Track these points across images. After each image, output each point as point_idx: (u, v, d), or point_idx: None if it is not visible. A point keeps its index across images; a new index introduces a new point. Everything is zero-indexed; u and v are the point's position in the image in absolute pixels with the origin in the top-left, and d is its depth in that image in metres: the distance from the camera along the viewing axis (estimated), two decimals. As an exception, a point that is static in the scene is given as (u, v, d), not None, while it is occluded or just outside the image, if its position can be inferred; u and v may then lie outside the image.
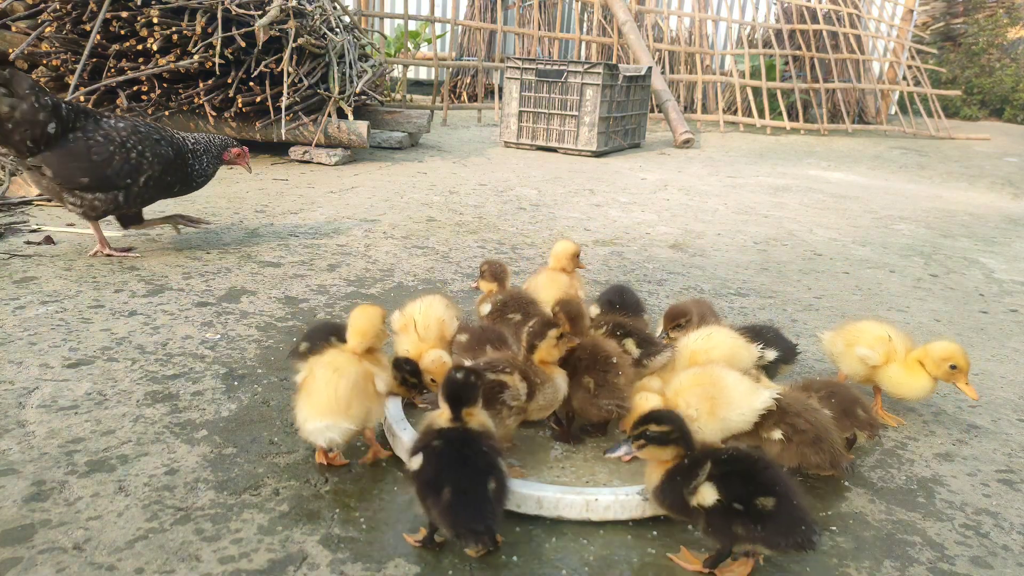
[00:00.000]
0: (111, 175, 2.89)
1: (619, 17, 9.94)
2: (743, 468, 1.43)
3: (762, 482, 1.40)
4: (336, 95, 5.68)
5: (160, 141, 3.04)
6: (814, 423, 1.68)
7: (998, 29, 17.30)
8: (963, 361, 2.00)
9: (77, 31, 5.12)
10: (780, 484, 1.40)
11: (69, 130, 2.86)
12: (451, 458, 1.43)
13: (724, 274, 3.59)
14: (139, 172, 2.95)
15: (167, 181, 3.09)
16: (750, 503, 1.37)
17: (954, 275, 3.90)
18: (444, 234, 3.99)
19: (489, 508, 1.38)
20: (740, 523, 1.37)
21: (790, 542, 1.36)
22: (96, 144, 2.87)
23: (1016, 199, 6.67)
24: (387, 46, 9.95)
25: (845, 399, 1.85)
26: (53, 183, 2.86)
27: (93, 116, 2.96)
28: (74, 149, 2.82)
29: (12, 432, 1.78)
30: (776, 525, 1.36)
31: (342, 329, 1.93)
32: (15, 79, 2.71)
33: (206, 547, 1.43)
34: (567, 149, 7.44)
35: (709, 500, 1.39)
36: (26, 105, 2.71)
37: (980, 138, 11.69)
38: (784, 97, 11.14)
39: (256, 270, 3.16)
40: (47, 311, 2.53)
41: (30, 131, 2.73)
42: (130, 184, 2.95)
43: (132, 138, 2.95)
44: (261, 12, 5.28)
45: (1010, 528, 1.68)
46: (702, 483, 1.41)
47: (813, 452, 1.66)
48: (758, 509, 1.37)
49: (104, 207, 2.98)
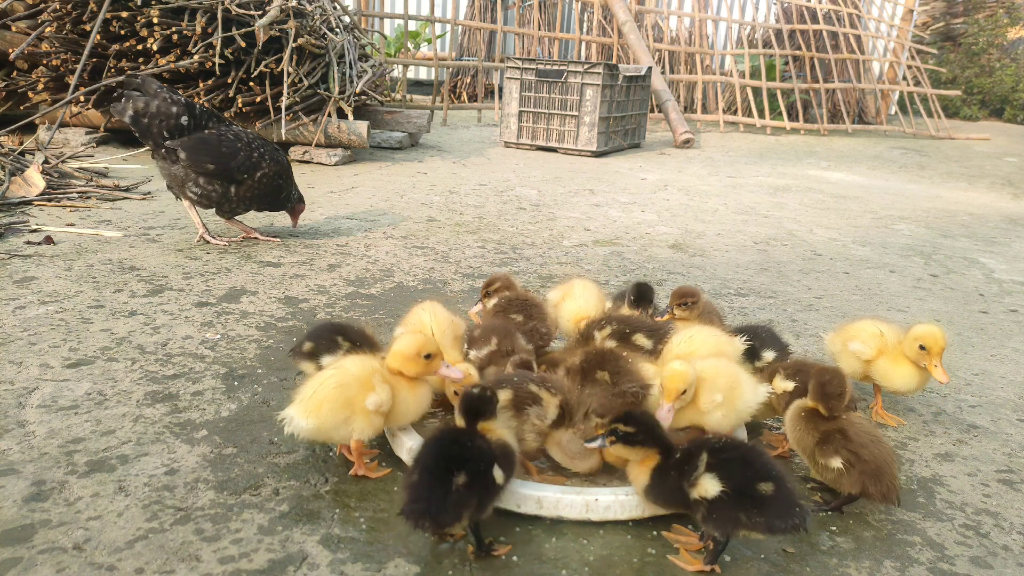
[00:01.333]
0: (233, 167, 3.27)
1: (619, 17, 9.94)
2: (739, 455, 1.45)
3: (760, 468, 1.43)
4: (336, 95, 5.68)
5: (278, 150, 3.49)
6: (877, 456, 1.61)
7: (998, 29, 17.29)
8: (932, 342, 1.98)
9: (77, 31, 5.12)
10: (775, 468, 1.44)
11: (202, 126, 3.28)
12: (434, 446, 1.46)
13: (724, 274, 3.59)
14: (257, 169, 3.34)
15: (277, 184, 3.46)
16: (752, 489, 1.39)
17: (954, 275, 3.90)
18: (444, 234, 3.99)
19: (442, 497, 1.36)
20: (743, 510, 1.39)
21: (788, 524, 1.39)
22: (226, 139, 3.28)
23: (1016, 199, 6.67)
24: (387, 46, 9.95)
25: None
26: (182, 166, 3.21)
27: (225, 121, 3.41)
28: (207, 139, 3.25)
29: (12, 432, 1.78)
30: (774, 509, 1.39)
31: (346, 329, 1.95)
32: (146, 82, 3.18)
33: (206, 547, 1.43)
34: (567, 149, 7.44)
35: (713, 491, 1.40)
36: (158, 101, 3.16)
37: (980, 138, 11.69)
38: (784, 97, 11.14)
39: (256, 270, 3.16)
40: (47, 311, 2.53)
41: (165, 123, 3.17)
42: (245, 179, 3.32)
43: (256, 141, 3.39)
44: (261, 12, 5.29)
45: (1010, 528, 1.68)
46: (702, 474, 1.43)
47: (872, 483, 1.59)
48: (760, 494, 1.39)
49: (217, 196, 3.32)
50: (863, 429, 1.66)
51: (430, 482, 1.38)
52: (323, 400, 1.59)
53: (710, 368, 1.78)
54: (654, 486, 1.49)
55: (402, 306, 2.84)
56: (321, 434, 1.62)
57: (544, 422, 1.67)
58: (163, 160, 3.24)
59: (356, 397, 1.61)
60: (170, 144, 3.18)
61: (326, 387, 1.61)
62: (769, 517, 1.38)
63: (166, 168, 3.26)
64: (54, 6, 5.07)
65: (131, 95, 3.17)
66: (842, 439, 1.62)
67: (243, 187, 3.33)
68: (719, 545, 1.45)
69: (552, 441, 1.70)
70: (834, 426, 1.65)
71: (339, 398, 1.60)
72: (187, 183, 3.25)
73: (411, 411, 1.71)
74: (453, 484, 1.37)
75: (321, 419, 1.59)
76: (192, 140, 3.21)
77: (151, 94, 3.17)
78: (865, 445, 1.62)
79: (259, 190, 3.40)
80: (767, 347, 2.10)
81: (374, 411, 1.62)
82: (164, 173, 3.30)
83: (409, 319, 2.05)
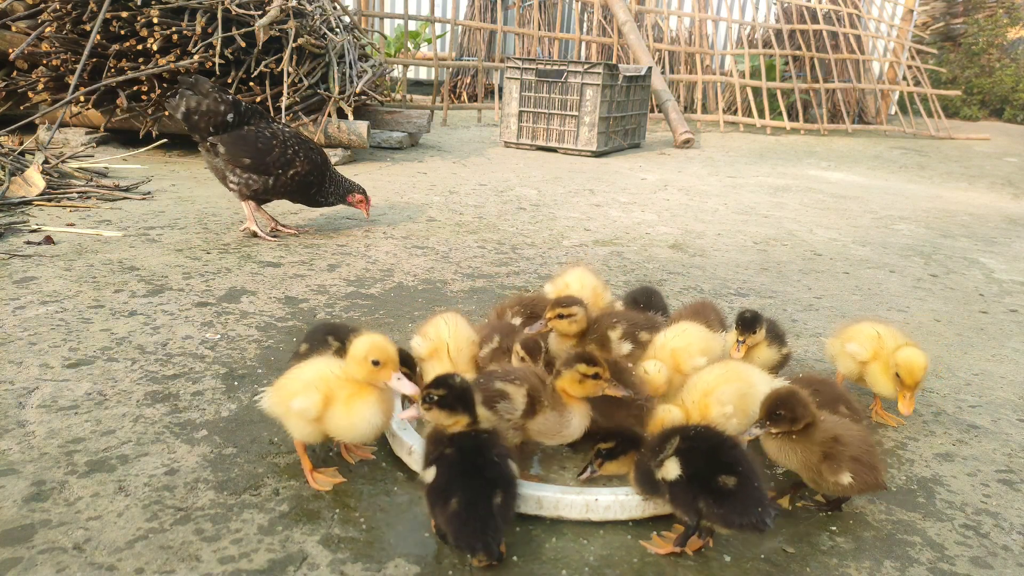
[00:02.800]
0: (269, 162, 3.50)
1: (619, 17, 9.94)
2: (710, 446, 1.49)
3: (727, 461, 1.45)
4: (336, 95, 5.68)
5: (313, 150, 3.66)
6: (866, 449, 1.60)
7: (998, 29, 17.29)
8: (907, 374, 1.93)
9: (77, 31, 5.12)
10: (744, 464, 1.45)
11: (244, 123, 3.52)
12: (462, 468, 1.43)
13: (724, 274, 3.59)
14: (290, 166, 3.55)
15: (309, 181, 3.64)
16: (713, 480, 1.42)
17: (954, 275, 3.90)
18: (444, 234, 3.99)
19: (492, 523, 1.37)
20: (702, 499, 1.42)
21: (746, 521, 1.40)
22: (263, 136, 3.51)
23: (1016, 199, 6.67)
24: (387, 46, 9.94)
25: (829, 396, 1.84)
26: (222, 159, 3.47)
27: (267, 119, 3.63)
28: (246, 136, 3.48)
29: (12, 432, 1.78)
30: (735, 504, 1.41)
31: (340, 329, 1.94)
32: (199, 83, 3.42)
33: (206, 547, 1.43)
34: (567, 149, 7.44)
35: (672, 474, 1.45)
36: (208, 101, 3.39)
37: (980, 138, 11.69)
38: (784, 97, 11.14)
39: (256, 270, 3.16)
40: (47, 311, 2.53)
41: (212, 120, 3.42)
42: (280, 174, 3.53)
43: (292, 139, 3.58)
44: (261, 12, 5.28)
45: (1010, 528, 1.68)
46: (668, 457, 1.47)
47: (867, 472, 1.59)
48: (721, 487, 1.42)
49: (256, 186, 3.53)
50: (842, 426, 1.66)
51: (472, 509, 1.37)
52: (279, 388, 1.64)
53: (714, 378, 1.77)
54: (638, 475, 1.56)
55: (402, 306, 2.84)
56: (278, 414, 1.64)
57: (516, 415, 1.66)
58: (207, 152, 3.51)
59: (288, 399, 1.59)
60: (212, 139, 3.44)
61: (286, 378, 1.65)
62: (728, 511, 1.41)
63: (210, 160, 3.53)
64: (54, 6, 5.07)
65: (185, 94, 3.40)
66: (838, 445, 1.59)
67: (278, 181, 3.55)
68: (688, 529, 1.48)
69: (531, 432, 1.69)
70: (827, 435, 1.61)
71: (280, 393, 1.62)
72: (227, 174, 3.52)
73: (358, 424, 1.59)
74: (493, 505, 1.38)
75: (274, 408, 1.63)
76: (231, 136, 3.45)
77: (203, 94, 3.40)
78: (855, 442, 1.61)
79: (292, 185, 3.60)
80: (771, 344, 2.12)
81: (298, 415, 1.58)
82: (209, 165, 3.58)
83: (428, 329, 1.97)
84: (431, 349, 1.93)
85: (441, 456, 1.45)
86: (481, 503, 1.38)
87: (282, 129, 3.61)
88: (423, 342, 1.94)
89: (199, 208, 4.14)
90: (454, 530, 1.37)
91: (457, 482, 1.41)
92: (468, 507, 1.37)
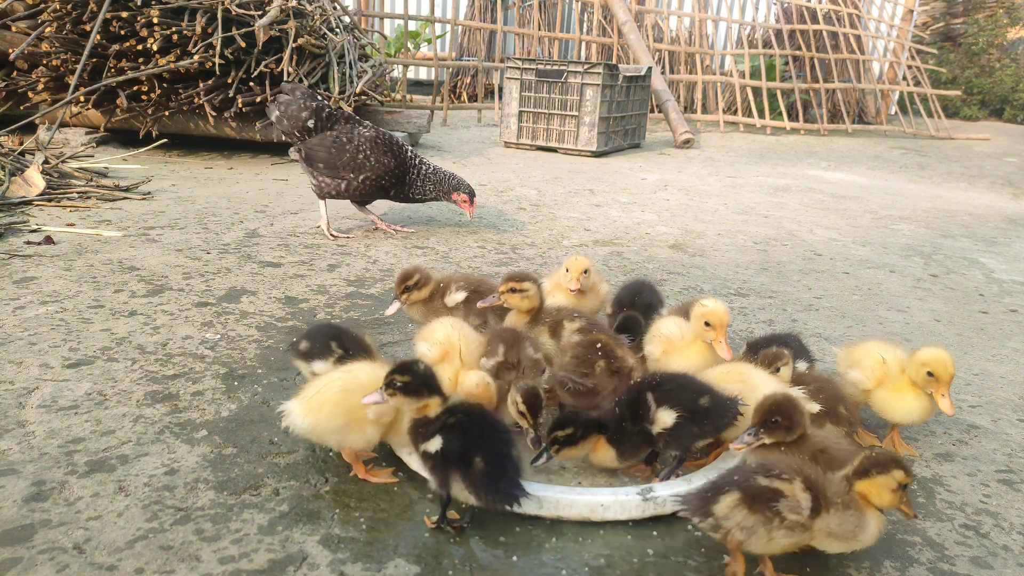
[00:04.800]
0: (339, 165, 3.69)
1: (619, 17, 9.94)
2: (678, 383, 1.68)
3: (695, 385, 1.69)
4: (336, 95, 5.68)
5: (387, 153, 3.75)
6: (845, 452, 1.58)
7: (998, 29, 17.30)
8: (941, 369, 1.83)
9: (77, 31, 5.12)
10: (703, 384, 1.69)
11: (329, 127, 3.71)
12: (473, 430, 1.50)
13: (724, 274, 3.59)
14: (361, 170, 3.70)
15: (382, 184, 3.77)
16: (697, 405, 1.64)
17: (954, 275, 3.90)
18: (444, 234, 3.99)
19: (519, 473, 1.50)
20: (696, 425, 1.64)
21: (723, 423, 1.65)
22: (338, 142, 3.67)
23: (1016, 199, 6.67)
24: (387, 46, 9.94)
25: (829, 396, 1.83)
26: (302, 162, 3.74)
27: (353, 122, 3.79)
28: (322, 140, 3.68)
29: (12, 432, 1.78)
30: (713, 415, 1.65)
31: (343, 335, 1.92)
32: (295, 90, 3.67)
33: (206, 547, 1.43)
34: (567, 149, 7.44)
35: (670, 421, 1.63)
36: (294, 107, 3.64)
37: (980, 138, 11.70)
38: (784, 97, 11.14)
39: (256, 270, 3.16)
40: (47, 311, 2.53)
41: (295, 125, 3.66)
42: (353, 177, 3.70)
43: (366, 143, 3.71)
44: (261, 12, 5.28)
45: (1010, 528, 1.68)
46: (657, 410, 1.64)
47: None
48: (701, 408, 1.64)
49: (329, 189, 3.74)
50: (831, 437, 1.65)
51: (501, 461, 1.47)
52: (324, 402, 1.58)
53: (719, 376, 1.77)
54: (620, 449, 1.66)
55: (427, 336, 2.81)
56: (315, 435, 1.61)
57: (803, 514, 1.40)
58: (296, 154, 3.75)
59: (358, 406, 1.56)
60: (298, 144, 3.71)
61: (331, 389, 1.60)
62: (712, 421, 1.64)
63: (300, 163, 3.77)
64: (54, 6, 5.07)
65: (278, 98, 3.70)
66: (826, 456, 1.55)
67: (351, 185, 3.71)
68: (681, 459, 1.71)
69: (818, 535, 1.45)
70: (816, 446, 1.58)
71: (341, 403, 1.58)
72: (308, 176, 3.78)
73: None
74: (515, 457, 1.50)
75: (319, 420, 1.58)
76: (311, 141, 3.68)
77: (291, 100, 3.66)
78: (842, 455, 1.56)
79: (365, 188, 3.75)
80: (796, 358, 2.01)
81: (374, 420, 1.59)
82: (301, 168, 3.82)
83: (435, 335, 1.93)
84: (441, 353, 1.87)
85: (444, 425, 1.50)
86: (508, 455, 1.48)
87: (360, 133, 3.72)
88: (431, 347, 1.89)
89: (199, 208, 4.14)
90: (487, 487, 1.44)
91: (476, 443, 1.47)
92: (496, 461, 1.46)
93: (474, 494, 1.46)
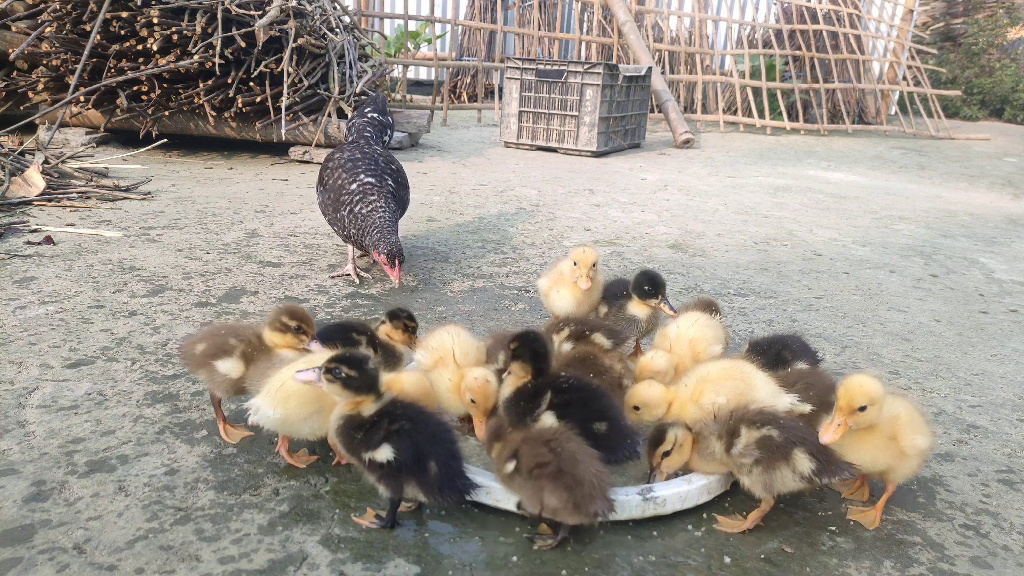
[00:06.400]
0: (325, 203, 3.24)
1: (619, 17, 9.94)
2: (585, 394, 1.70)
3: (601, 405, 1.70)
4: (336, 95, 5.68)
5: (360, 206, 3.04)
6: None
7: (998, 29, 17.30)
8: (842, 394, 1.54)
9: (77, 31, 5.12)
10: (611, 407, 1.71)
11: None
12: (421, 434, 1.49)
13: (724, 274, 3.59)
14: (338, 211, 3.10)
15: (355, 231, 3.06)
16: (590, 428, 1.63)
17: (954, 275, 3.90)
18: (444, 234, 3.99)
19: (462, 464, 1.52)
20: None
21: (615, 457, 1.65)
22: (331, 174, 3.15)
23: (1016, 199, 6.67)
24: (387, 46, 9.94)
25: (821, 388, 1.79)
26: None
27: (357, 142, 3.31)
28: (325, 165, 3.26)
29: (12, 432, 1.78)
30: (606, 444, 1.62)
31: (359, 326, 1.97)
32: (375, 99, 3.55)
33: (206, 547, 1.43)
34: (567, 149, 7.44)
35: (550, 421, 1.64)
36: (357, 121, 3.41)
37: (980, 138, 11.69)
38: (784, 97, 11.14)
39: (256, 270, 3.15)
40: (47, 311, 2.53)
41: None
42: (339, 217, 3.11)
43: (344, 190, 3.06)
44: (261, 12, 5.28)
45: (1010, 528, 1.68)
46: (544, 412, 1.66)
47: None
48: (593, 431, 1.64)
49: (327, 219, 3.30)
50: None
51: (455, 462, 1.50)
52: (291, 393, 1.57)
53: (717, 371, 1.76)
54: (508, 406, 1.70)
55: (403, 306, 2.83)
56: (287, 426, 1.61)
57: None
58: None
59: (325, 392, 1.54)
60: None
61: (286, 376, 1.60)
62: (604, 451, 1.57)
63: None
64: (54, 6, 5.07)
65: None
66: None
67: (343, 224, 3.06)
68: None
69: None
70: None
71: (308, 391, 1.57)
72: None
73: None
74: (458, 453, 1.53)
75: (288, 411, 1.58)
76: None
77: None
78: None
79: (350, 228, 3.02)
80: (797, 359, 2.00)
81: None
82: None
83: (430, 342, 1.92)
84: (436, 359, 1.86)
85: (390, 433, 1.47)
86: (456, 453, 1.51)
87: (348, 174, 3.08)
88: (427, 353, 1.88)
89: (199, 208, 4.14)
90: (442, 488, 1.46)
91: (427, 448, 1.47)
92: (449, 460, 1.49)
93: (429, 495, 1.46)
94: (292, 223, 3.97)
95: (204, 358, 1.76)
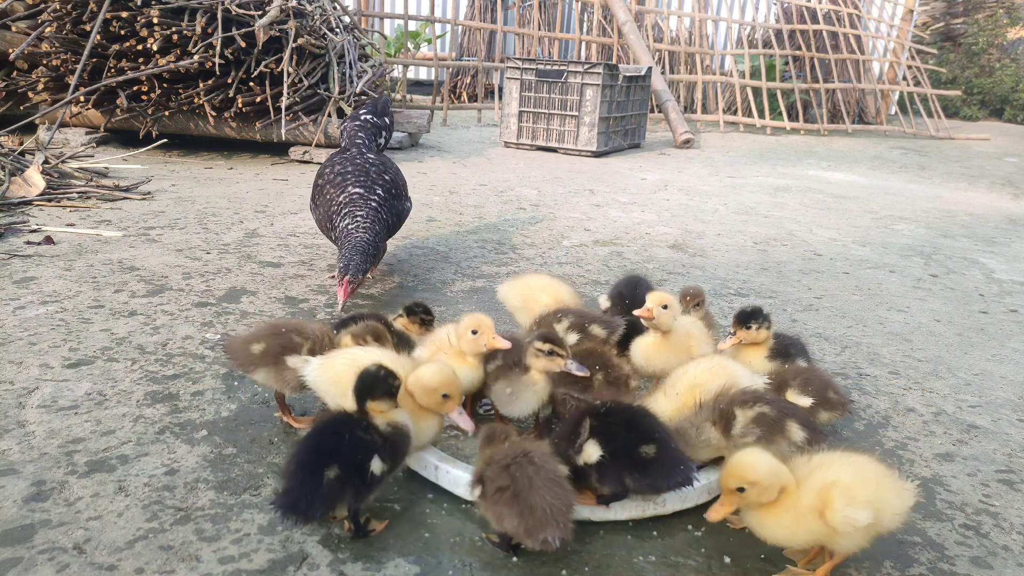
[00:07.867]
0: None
1: (619, 17, 9.94)
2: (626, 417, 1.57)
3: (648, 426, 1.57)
4: (336, 95, 5.68)
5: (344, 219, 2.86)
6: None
7: (998, 29, 17.31)
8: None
9: (77, 31, 5.12)
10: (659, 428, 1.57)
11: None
12: (312, 436, 1.45)
13: (724, 274, 3.59)
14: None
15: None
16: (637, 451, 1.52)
17: (954, 275, 3.90)
18: (444, 234, 3.99)
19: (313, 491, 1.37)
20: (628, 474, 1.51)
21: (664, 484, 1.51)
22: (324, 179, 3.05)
23: (1016, 199, 6.67)
24: (387, 46, 9.95)
25: (817, 384, 1.84)
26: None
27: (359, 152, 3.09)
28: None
29: (12, 432, 1.78)
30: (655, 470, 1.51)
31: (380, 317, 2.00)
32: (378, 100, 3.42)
33: (206, 547, 1.43)
34: (567, 149, 7.44)
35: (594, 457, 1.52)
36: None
37: (980, 138, 11.70)
38: (784, 97, 11.14)
39: (256, 270, 3.16)
40: (47, 311, 2.53)
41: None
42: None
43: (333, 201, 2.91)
44: (261, 12, 5.28)
45: (1010, 528, 1.68)
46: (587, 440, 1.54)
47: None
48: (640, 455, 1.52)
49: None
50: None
51: (303, 476, 1.38)
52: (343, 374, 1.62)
53: (705, 372, 1.76)
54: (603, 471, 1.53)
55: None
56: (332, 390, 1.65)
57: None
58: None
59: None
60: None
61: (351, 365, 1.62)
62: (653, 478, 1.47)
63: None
64: (54, 6, 5.07)
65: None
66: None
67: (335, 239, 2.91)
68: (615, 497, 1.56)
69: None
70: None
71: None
72: None
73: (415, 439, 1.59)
74: (325, 478, 1.37)
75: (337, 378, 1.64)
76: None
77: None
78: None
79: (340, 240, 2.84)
80: (800, 358, 2.02)
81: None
82: None
83: (433, 338, 1.92)
84: (433, 351, 1.88)
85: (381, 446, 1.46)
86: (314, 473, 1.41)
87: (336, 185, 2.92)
88: (423, 348, 1.91)
89: (199, 208, 4.14)
90: (280, 488, 1.41)
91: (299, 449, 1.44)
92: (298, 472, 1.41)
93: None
94: (292, 223, 3.97)
95: (267, 356, 1.78)
